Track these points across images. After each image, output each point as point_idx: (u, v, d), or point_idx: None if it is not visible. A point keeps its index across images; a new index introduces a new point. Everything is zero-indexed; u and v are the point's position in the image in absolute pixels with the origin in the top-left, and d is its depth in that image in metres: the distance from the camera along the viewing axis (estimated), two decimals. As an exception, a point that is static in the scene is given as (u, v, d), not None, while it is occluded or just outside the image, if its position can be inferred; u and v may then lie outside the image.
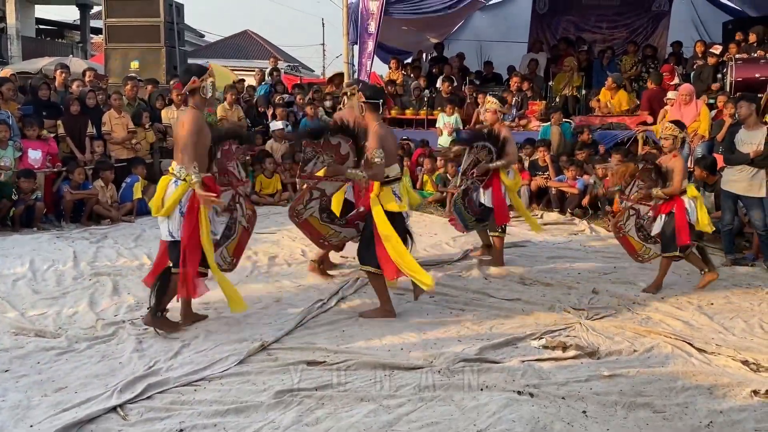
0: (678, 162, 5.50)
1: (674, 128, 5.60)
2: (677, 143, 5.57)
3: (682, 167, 5.50)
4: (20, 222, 7.66)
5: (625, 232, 5.81)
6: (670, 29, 14.11)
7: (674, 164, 5.47)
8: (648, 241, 5.77)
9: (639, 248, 5.80)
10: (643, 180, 5.64)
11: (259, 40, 35.59)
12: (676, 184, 5.44)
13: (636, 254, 5.85)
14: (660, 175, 5.53)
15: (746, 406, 3.51)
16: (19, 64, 16.32)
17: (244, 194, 4.86)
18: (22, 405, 3.41)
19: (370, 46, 11.50)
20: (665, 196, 5.51)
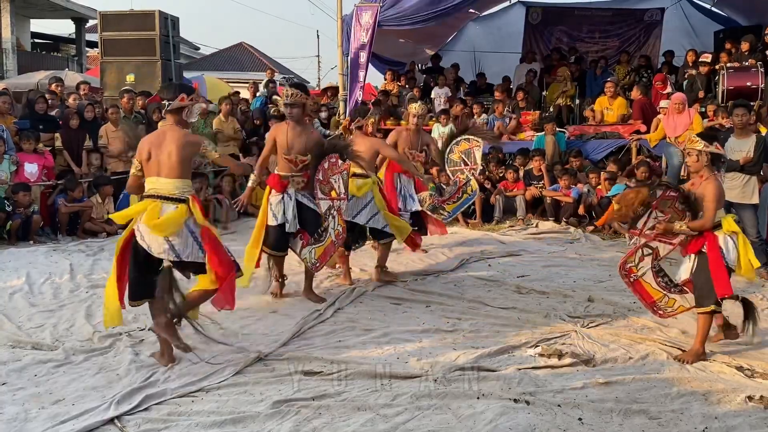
0: (711, 187, 4.25)
1: (698, 141, 4.38)
2: (703, 160, 4.31)
3: (716, 193, 4.23)
4: (16, 235, 7.67)
5: (638, 277, 4.49)
6: (662, 39, 14.23)
7: (706, 189, 4.25)
8: (672, 290, 4.48)
9: (657, 298, 4.48)
10: (662, 210, 4.37)
11: (254, 53, 35.70)
12: (708, 216, 4.23)
13: (653, 305, 4.48)
14: (687, 203, 4.31)
15: (741, 412, 3.54)
16: (15, 79, 16.35)
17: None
18: (19, 418, 3.42)
19: (364, 57, 11.55)
20: (692, 231, 4.30)
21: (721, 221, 4.31)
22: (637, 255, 4.51)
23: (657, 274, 4.49)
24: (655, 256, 4.49)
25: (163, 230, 3.96)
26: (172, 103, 4.14)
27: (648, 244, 4.47)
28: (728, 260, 4.26)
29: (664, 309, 4.50)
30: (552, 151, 10.11)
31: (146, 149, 4.08)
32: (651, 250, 4.49)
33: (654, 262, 4.48)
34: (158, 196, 4.04)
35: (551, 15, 14.87)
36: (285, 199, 5.37)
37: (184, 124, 4.22)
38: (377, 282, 5.94)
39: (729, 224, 4.33)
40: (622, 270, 4.53)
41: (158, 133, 4.18)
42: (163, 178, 4.05)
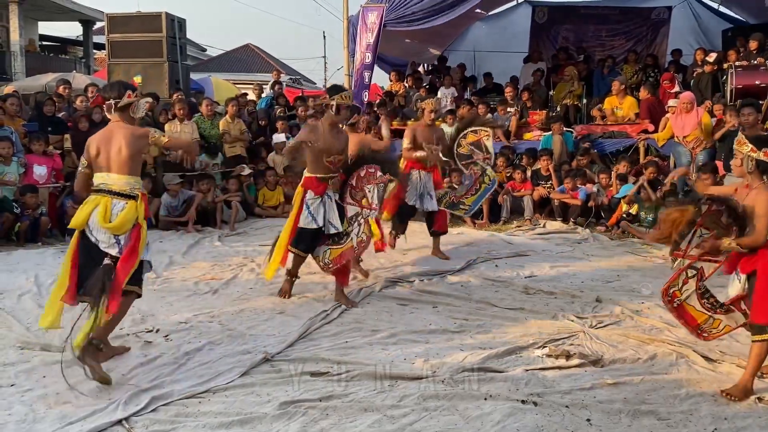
0: (763, 197, 3.75)
1: (746, 144, 3.82)
2: (747, 166, 3.79)
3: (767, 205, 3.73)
4: (25, 237, 7.71)
5: (682, 301, 4.10)
6: (670, 37, 14.17)
7: (757, 200, 3.76)
8: (717, 310, 4.08)
9: (702, 320, 4.09)
10: (708, 228, 3.95)
11: (260, 54, 35.79)
12: (761, 231, 3.73)
13: (697, 329, 4.11)
14: (735, 216, 3.85)
15: (750, 413, 3.51)
16: (23, 81, 16.44)
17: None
18: (28, 419, 3.43)
19: (369, 58, 11.56)
20: (743, 249, 3.82)
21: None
22: (681, 278, 4.09)
23: (702, 295, 4.08)
24: (699, 277, 4.09)
25: (120, 230, 3.96)
26: (119, 101, 4.11)
27: (692, 266, 4.09)
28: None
29: (709, 331, 4.11)
30: (560, 150, 10.08)
31: (95, 146, 4.05)
32: (695, 271, 4.10)
33: (699, 284, 4.08)
34: (108, 191, 4.00)
35: (557, 14, 14.85)
36: (326, 201, 5.34)
37: (131, 120, 4.21)
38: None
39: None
40: (666, 296, 4.11)
41: (106, 130, 4.13)
42: (114, 174, 4.02)
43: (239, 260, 6.92)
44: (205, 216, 8.92)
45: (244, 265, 6.70)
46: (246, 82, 23.70)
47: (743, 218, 3.80)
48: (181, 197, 8.87)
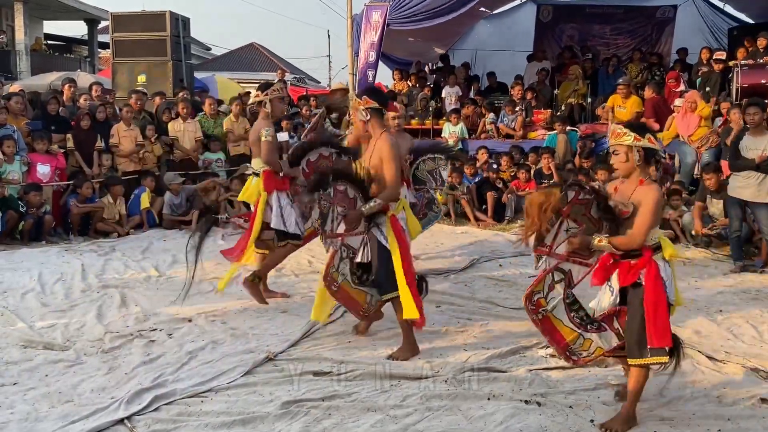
0: (651, 195, 3.21)
1: (626, 134, 3.27)
2: (634, 159, 3.24)
3: (656, 204, 3.20)
4: (29, 235, 7.72)
5: (547, 311, 3.51)
6: (675, 36, 14.12)
7: (645, 197, 3.21)
8: (588, 327, 3.50)
9: (571, 339, 3.53)
10: (575, 219, 3.36)
11: (265, 53, 35.79)
12: (640, 232, 3.19)
13: (566, 350, 3.53)
14: (606, 210, 3.31)
15: (755, 414, 3.49)
16: (28, 80, 16.48)
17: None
18: (30, 417, 3.43)
19: (373, 57, 11.55)
20: (616, 249, 3.25)
21: (659, 242, 3.31)
22: (546, 282, 3.47)
23: (570, 306, 3.47)
24: (568, 283, 3.46)
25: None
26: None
27: (560, 267, 3.45)
28: (669, 295, 3.30)
29: (579, 353, 3.54)
30: (564, 149, 10.06)
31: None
32: (563, 275, 3.45)
33: (567, 291, 3.47)
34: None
35: (562, 13, 14.81)
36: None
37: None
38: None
39: (668, 247, 3.35)
40: (529, 304, 3.50)
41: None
42: None
43: (242, 259, 6.91)
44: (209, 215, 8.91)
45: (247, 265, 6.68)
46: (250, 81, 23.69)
47: (614, 214, 3.29)
48: (183, 195, 8.88)
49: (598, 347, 3.53)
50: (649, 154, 3.28)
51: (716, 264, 6.83)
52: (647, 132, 3.28)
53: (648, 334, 3.19)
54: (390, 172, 4.11)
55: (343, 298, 4.31)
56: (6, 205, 7.59)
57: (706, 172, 7.47)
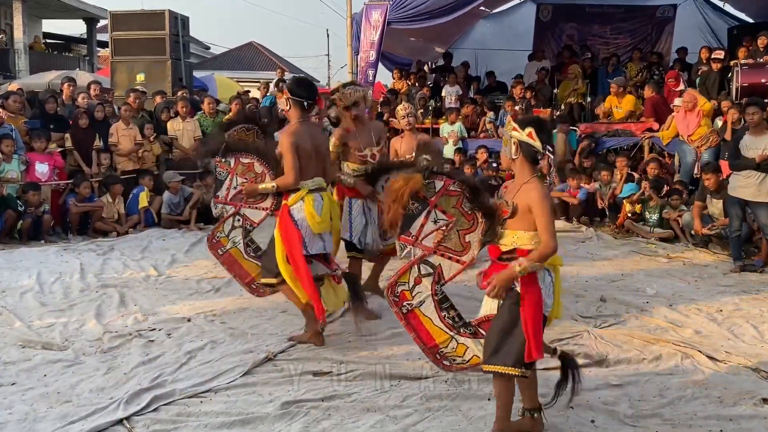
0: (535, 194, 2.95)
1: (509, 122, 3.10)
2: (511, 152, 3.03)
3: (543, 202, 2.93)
4: (28, 235, 7.71)
5: (413, 306, 3.28)
6: (675, 35, 14.11)
7: (530, 198, 2.95)
8: (461, 330, 3.29)
9: (441, 341, 3.31)
10: (444, 210, 3.22)
11: (264, 52, 35.78)
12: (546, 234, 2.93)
13: (436, 351, 3.31)
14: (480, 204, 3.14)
15: (756, 414, 3.48)
16: (27, 79, 16.45)
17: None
18: (29, 418, 3.41)
19: (373, 56, 11.53)
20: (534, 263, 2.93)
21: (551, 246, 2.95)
22: (412, 274, 3.23)
23: (440, 304, 3.24)
24: (437, 278, 3.23)
25: None
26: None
27: (427, 260, 3.23)
28: (547, 305, 3.04)
29: (452, 359, 3.26)
30: (563, 149, 10.04)
31: None
32: (431, 269, 3.22)
33: (436, 287, 3.23)
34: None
35: (562, 12, 14.79)
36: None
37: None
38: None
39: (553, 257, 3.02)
40: (391, 295, 3.26)
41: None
42: None
43: (242, 258, 6.90)
44: (208, 214, 8.90)
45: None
46: (249, 80, 23.68)
47: (492, 211, 3.09)
48: (181, 195, 8.86)
49: (474, 355, 3.22)
50: (526, 149, 3.01)
51: (716, 264, 6.83)
52: (530, 127, 3.00)
53: (527, 347, 2.93)
54: (286, 163, 4.21)
55: (228, 263, 4.42)
56: (5, 205, 7.57)
57: (706, 172, 7.46)
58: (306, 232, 4.23)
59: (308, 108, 4.35)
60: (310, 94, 4.37)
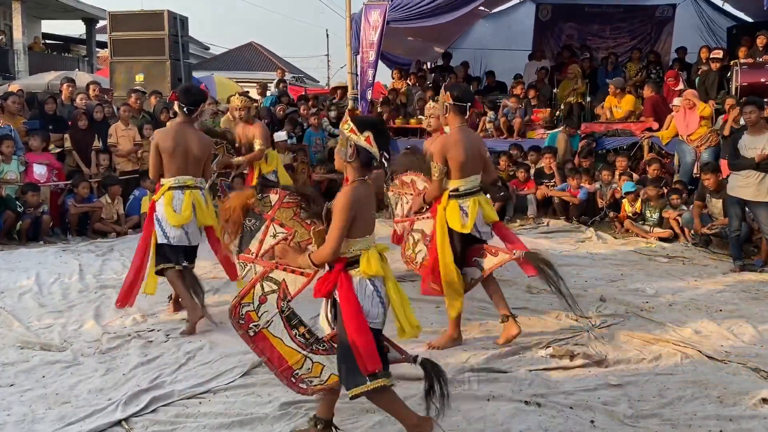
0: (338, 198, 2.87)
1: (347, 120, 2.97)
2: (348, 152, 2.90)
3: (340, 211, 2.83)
4: (26, 235, 7.70)
5: (261, 327, 3.04)
6: (674, 35, 14.10)
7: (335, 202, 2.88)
8: (314, 347, 3.06)
9: (294, 361, 3.05)
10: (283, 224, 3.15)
11: (263, 52, 35.77)
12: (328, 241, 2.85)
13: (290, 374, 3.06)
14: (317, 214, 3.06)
15: (756, 414, 3.47)
16: (26, 79, 16.43)
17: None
18: (27, 419, 3.41)
19: (373, 56, 11.52)
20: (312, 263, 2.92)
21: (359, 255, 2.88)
22: (256, 293, 3.04)
23: (288, 322, 3.04)
24: (282, 294, 3.03)
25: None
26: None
27: (270, 276, 3.04)
28: (371, 316, 2.88)
29: (308, 381, 3.04)
30: (564, 149, 10.04)
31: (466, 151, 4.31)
32: (276, 286, 3.03)
33: (282, 304, 3.02)
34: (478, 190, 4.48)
35: (561, 12, 14.78)
36: None
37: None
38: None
39: (371, 262, 2.87)
40: (236, 318, 3.02)
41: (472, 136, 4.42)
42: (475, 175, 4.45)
43: (241, 259, 6.89)
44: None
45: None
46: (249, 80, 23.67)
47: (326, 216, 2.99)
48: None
49: (332, 374, 3.02)
50: (363, 154, 2.89)
51: (716, 263, 6.82)
52: (368, 130, 2.87)
53: (358, 360, 2.82)
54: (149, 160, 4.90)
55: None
56: (4, 205, 7.57)
57: (705, 172, 7.46)
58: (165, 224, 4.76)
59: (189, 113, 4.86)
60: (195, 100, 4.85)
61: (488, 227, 4.47)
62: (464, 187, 4.33)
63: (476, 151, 4.37)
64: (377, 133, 2.91)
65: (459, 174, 4.30)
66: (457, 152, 4.23)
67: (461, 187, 4.33)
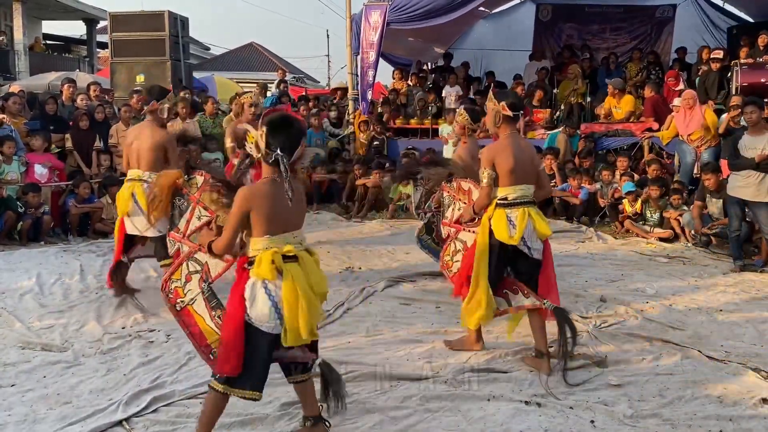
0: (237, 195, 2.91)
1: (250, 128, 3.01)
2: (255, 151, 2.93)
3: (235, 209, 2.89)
4: (27, 236, 7.70)
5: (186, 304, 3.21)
6: (675, 35, 14.10)
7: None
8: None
9: (212, 341, 3.15)
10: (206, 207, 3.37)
11: (264, 53, 35.78)
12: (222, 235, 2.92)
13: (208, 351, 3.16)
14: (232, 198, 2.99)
15: (756, 414, 3.48)
16: (27, 80, 16.45)
17: None
18: (28, 419, 3.41)
19: (373, 56, 11.53)
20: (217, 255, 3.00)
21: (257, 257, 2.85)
22: (183, 272, 3.20)
23: (209, 302, 3.18)
24: (203, 276, 3.20)
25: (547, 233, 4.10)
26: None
27: (195, 257, 3.20)
28: (250, 315, 2.85)
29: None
30: (564, 149, 10.04)
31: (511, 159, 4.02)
32: (199, 267, 3.19)
33: (203, 285, 3.18)
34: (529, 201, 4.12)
35: (561, 12, 14.79)
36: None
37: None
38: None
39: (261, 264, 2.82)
40: (165, 292, 3.22)
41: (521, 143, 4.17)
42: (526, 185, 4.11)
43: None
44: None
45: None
46: (249, 80, 23.68)
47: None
48: (183, 196, 8.85)
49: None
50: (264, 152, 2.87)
51: (716, 263, 6.83)
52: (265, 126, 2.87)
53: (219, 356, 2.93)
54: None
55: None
56: (4, 206, 7.57)
57: (705, 172, 7.46)
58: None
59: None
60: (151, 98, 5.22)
61: (540, 244, 4.07)
62: (513, 196, 4.03)
63: (527, 159, 4.10)
64: (273, 129, 2.85)
65: (507, 181, 4.02)
66: (506, 159, 3.99)
67: (510, 196, 4.03)
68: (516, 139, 4.11)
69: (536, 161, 4.26)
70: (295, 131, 2.89)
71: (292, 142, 2.85)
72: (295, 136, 2.87)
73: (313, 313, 2.88)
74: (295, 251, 2.89)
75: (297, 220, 2.97)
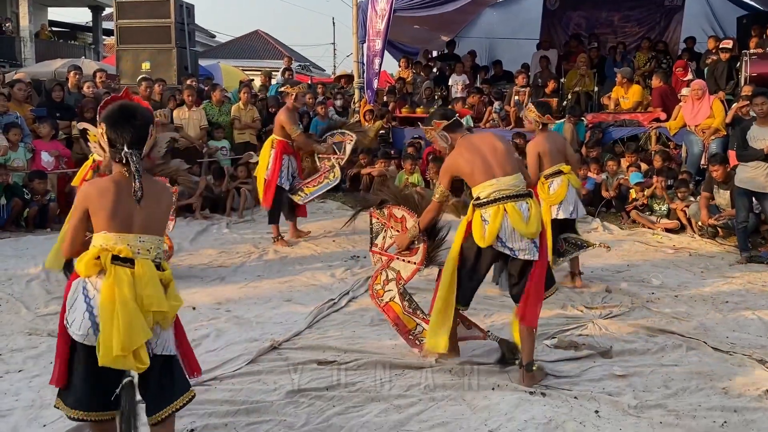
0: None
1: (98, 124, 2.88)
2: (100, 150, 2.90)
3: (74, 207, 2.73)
4: (34, 223, 7.73)
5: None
6: (683, 24, 13.97)
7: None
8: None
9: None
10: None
11: (269, 40, 35.66)
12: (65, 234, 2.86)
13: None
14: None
15: (761, 406, 3.47)
16: (33, 67, 16.46)
17: None
18: (35, 405, 3.44)
19: (379, 45, 11.47)
20: None
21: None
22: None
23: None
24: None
25: (537, 233, 3.66)
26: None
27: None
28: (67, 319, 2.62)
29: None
30: (570, 139, 9.98)
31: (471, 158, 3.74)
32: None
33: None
34: (512, 195, 3.65)
35: (569, 0, 14.67)
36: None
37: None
38: None
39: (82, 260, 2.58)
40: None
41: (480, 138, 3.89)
42: (505, 177, 3.68)
43: (247, 248, 6.91)
44: (213, 203, 8.92)
45: (251, 253, 6.69)
46: (255, 68, 23.64)
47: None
48: (187, 183, 8.86)
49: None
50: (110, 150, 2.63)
51: (723, 255, 6.80)
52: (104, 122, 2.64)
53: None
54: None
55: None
56: (11, 193, 7.59)
57: (713, 163, 7.41)
58: None
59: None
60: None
61: (527, 243, 3.66)
62: (485, 193, 3.69)
63: (488, 150, 3.76)
64: (113, 124, 2.55)
65: (472, 181, 3.73)
66: (462, 162, 3.77)
67: (482, 194, 3.70)
68: (467, 138, 3.86)
69: (500, 150, 3.75)
70: (140, 121, 2.56)
71: (140, 135, 2.53)
72: (140, 128, 2.55)
73: (132, 328, 2.42)
74: (133, 256, 2.52)
75: (151, 224, 2.59)
